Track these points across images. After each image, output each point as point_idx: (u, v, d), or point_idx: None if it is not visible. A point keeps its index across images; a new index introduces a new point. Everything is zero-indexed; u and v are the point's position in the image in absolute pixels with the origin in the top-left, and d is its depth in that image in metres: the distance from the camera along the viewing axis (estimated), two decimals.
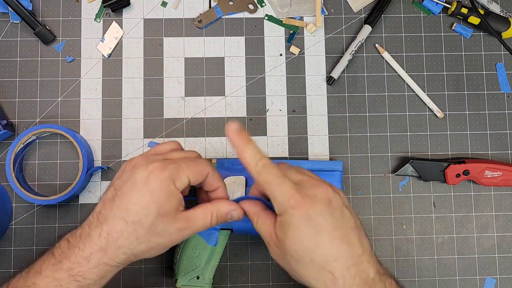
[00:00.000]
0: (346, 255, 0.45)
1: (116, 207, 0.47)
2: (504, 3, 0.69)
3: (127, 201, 0.47)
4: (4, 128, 0.61)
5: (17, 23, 0.66)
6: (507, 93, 0.68)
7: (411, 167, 0.64)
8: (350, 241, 0.46)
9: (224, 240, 0.59)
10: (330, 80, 0.66)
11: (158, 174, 0.47)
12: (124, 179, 0.48)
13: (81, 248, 0.46)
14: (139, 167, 0.48)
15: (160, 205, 0.47)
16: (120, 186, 0.48)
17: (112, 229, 0.46)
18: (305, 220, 0.45)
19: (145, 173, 0.47)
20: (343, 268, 0.45)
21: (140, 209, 0.46)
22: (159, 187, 0.47)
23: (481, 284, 0.64)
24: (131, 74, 0.66)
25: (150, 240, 0.47)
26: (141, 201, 0.46)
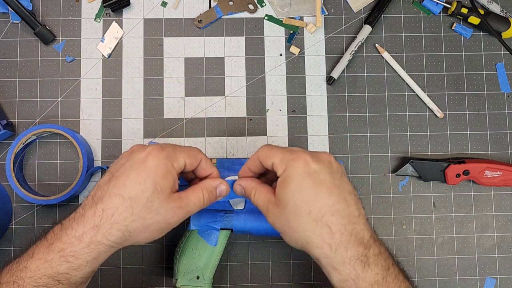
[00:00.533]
0: (343, 213, 0.46)
1: (112, 186, 0.47)
2: (504, 3, 0.69)
3: (124, 179, 0.47)
4: (4, 128, 0.61)
5: (17, 23, 0.66)
6: (507, 93, 0.68)
7: (411, 167, 0.64)
8: (347, 201, 0.47)
9: (224, 240, 0.59)
10: (330, 80, 0.66)
11: (156, 153, 0.48)
12: (121, 163, 0.49)
13: (74, 228, 0.46)
14: (137, 151, 0.49)
15: (157, 181, 0.47)
16: (116, 169, 0.48)
17: (107, 206, 0.46)
18: (306, 171, 0.46)
19: (143, 154, 0.48)
20: (340, 224, 0.46)
21: (136, 185, 0.46)
22: (157, 164, 0.47)
23: (481, 284, 0.64)
24: (131, 74, 0.66)
25: (145, 217, 0.47)
26: (138, 177, 0.47)
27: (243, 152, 0.65)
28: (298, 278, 0.63)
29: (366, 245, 0.46)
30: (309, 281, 0.63)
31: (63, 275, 0.46)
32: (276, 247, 0.64)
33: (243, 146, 0.65)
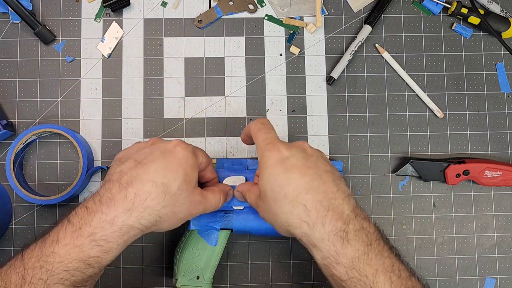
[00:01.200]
0: (318, 189, 0.47)
1: (142, 171, 0.48)
2: (504, 3, 0.69)
3: (155, 166, 0.48)
4: (4, 128, 0.61)
5: (17, 23, 0.66)
6: (507, 93, 0.68)
7: (411, 167, 0.64)
8: (323, 179, 0.48)
9: (224, 240, 0.59)
10: (330, 80, 0.66)
11: (183, 146, 0.50)
12: (145, 151, 0.50)
13: (104, 211, 0.46)
14: (161, 142, 0.51)
15: (187, 172, 0.49)
16: (142, 157, 0.49)
17: (140, 190, 0.47)
18: (279, 160, 0.48)
19: (170, 145, 0.50)
20: (315, 200, 0.46)
21: (169, 172, 0.48)
22: (186, 156, 0.50)
23: (481, 284, 0.64)
24: (131, 74, 0.66)
25: (174, 204, 0.49)
26: (170, 165, 0.48)
27: (243, 152, 0.65)
28: (298, 278, 0.63)
29: (345, 220, 0.46)
30: (309, 281, 0.63)
31: (94, 259, 0.46)
32: (276, 247, 0.64)
33: (243, 146, 0.65)
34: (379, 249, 0.46)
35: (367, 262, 0.45)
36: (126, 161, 0.49)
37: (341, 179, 0.50)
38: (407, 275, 0.47)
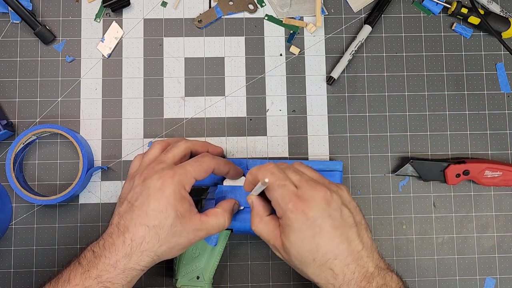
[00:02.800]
0: (345, 253, 0.48)
1: (135, 215, 0.50)
2: (504, 3, 0.69)
3: (146, 208, 0.50)
4: (4, 128, 0.61)
5: (17, 23, 0.66)
6: (507, 93, 0.68)
7: (411, 167, 0.64)
8: (349, 239, 0.48)
9: (224, 240, 0.59)
10: (330, 80, 0.66)
11: (170, 181, 0.51)
12: (137, 191, 0.51)
13: (107, 256, 0.49)
14: (150, 178, 0.51)
15: (176, 207, 0.50)
16: (135, 198, 0.51)
17: (135, 235, 0.49)
18: (304, 223, 0.48)
19: (158, 182, 0.51)
20: (343, 265, 0.47)
21: (159, 213, 0.50)
22: (173, 191, 0.50)
23: (481, 284, 0.64)
24: (131, 74, 0.66)
25: (170, 241, 0.50)
26: (159, 206, 0.50)
27: (243, 152, 0.65)
28: (298, 278, 0.63)
29: (369, 278, 0.48)
30: (309, 281, 0.63)
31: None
32: None
33: (243, 146, 0.65)
34: None
35: None
36: (123, 203, 0.52)
37: (363, 227, 0.50)
38: None
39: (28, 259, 0.62)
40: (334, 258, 0.47)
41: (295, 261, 0.49)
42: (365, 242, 0.49)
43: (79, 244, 0.63)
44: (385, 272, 0.49)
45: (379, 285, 0.48)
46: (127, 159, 0.64)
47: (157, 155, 0.56)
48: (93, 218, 0.63)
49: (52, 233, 0.63)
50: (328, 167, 0.61)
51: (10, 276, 0.62)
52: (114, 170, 0.64)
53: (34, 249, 0.62)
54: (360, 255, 0.48)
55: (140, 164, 0.56)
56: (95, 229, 0.63)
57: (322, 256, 0.48)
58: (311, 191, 0.49)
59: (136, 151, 0.64)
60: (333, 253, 0.47)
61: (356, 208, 0.51)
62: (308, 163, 0.61)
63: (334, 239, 0.48)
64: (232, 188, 0.59)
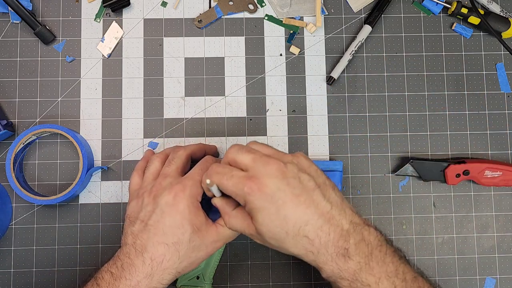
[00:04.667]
0: (315, 216, 0.47)
1: (152, 234, 0.50)
2: (504, 3, 0.69)
3: (162, 226, 0.50)
4: (4, 128, 0.61)
5: (17, 23, 0.66)
6: (507, 93, 0.68)
7: (411, 167, 0.64)
8: (314, 202, 0.47)
9: None
10: (330, 80, 0.66)
11: (182, 195, 0.50)
12: (149, 210, 0.51)
13: (128, 277, 0.48)
14: (161, 195, 0.51)
15: (192, 221, 0.50)
16: (147, 216, 0.51)
17: (154, 255, 0.49)
18: (265, 200, 0.47)
19: (170, 197, 0.50)
20: (316, 228, 0.47)
21: (176, 230, 0.49)
22: (187, 205, 0.50)
23: (481, 284, 0.64)
24: (131, 74, 0.66)
25: (190, 256, 0.50)
26: (175, 222, 0.50)
27: None
28: (298, 278, 0.63)
29: (345, 236, 0.47)
30: (309, 281, 0.63)
31: None
32: None
33: None
34: (381, 256, 0.47)
35: (369, 272, 0.46)
36: (135, 222, 0.51)
37: (329, 187, 0.49)
38: (412, 277, 0.48)
39: (28, 259, 0.62)
40: (305, 225, 0.47)
41: (271, 241, 0.49)
42: (334, 201, 0.48)
43: (79, 244, 0.63)
44: (361, 227, 0.48)
45: (356, 241, 0.47)
46: (127, 159, 0.64)
47: (159, 168, 0.55)
48: (93, 218, 0.63)
49: (52, 233, 0.63)
50: (328, 167, 0.61)
51: (10, 276, 0.62)
52: (114, 170, 0.64)
53: (34, 249, 0.62)
54: (331, 214, 0.47)
55: (143, 180, 0.55)
56: (95, 229, 0.63)
57: (293, 226, 0.47)
58: (263, 167, 0.48)
59: (136, 151, 0.64)
60: (302, 220, 0.47)
61: (317, 171, 0.50)
62: None
63: (299, 206, 0.47)
64: None
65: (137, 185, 0.56)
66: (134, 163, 0.64)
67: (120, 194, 0.64)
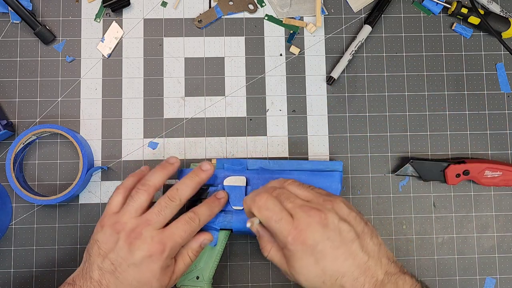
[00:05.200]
0: (352, 268, 0.48)
1: (119, 282, 0.51)
2: (504, 3, 0.69)
3: (131, 279, 0.51)
4: (4, 128, 0.61)
5: (17, 23, 0.66)
6: (507, 93, 0.68)
7: (411, 167, 0.64)
8: (352, 254, 0.48)
9: (224, 240, 0.59)
10: (330, 80, 0.66)
11: (159, 256, 0.51)
12: (121, 256, 0.51)
13: None
14: (138, 247, 0.51)
15: (161, 279, 0.52)
16: (118, 262, 0.51)
17: None
18: (305, 251, 0.48)
19: (146, 254, 0.51)
20: (351, 280, 0.48)
21: (143, 285, 0.51)
22: (160, 266, 0.51)
23: (481, 284, 0.64)
24: (131, 74, 0.66)
25: None
26: (144, 279, 0.51)
27: (243, 152, 0.65)
28: None
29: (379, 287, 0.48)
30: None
31: None
32: None
33: (243, 146, 0.65)
34: None
35: None
36: (104, 259, 0.51)
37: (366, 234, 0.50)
38: None
39: (28, 259, 0.62)
40: (342, 276, 0.48)
41: (306, 286, 0.50)
42: (371, 251, 0.49)
43: (79, 244, 0.63)
44: (396, 276, 0.49)
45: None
46: (127, 159, 0.64)
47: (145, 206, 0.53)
48: (93, 218, 0.63)
49: (52, 233, 0.63)
50: (328, 167, 0.61)
51: (10, 276, 0.62)
52: (114, 170, 0.64)
53: (34, 249, 0.62)
54: (367, 266, 0.48)
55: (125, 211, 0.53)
56: None
57: (330, 277, 0.48)
58: (306, 219, 0.49)
59: (136, 151, 0.64)
60: (339, 272, 0.48)
61: (356, 217, 0.51)
62: (308, 163, 0.61)
63: (338, 258, 0.48)
64: (232, 188, 0.59)
65: (116, 208, 0.54)
66: (134, 163, 0.64)
67: None
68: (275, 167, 0.61)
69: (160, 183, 0.55)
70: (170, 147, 0.65)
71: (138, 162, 0.64)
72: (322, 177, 0.60)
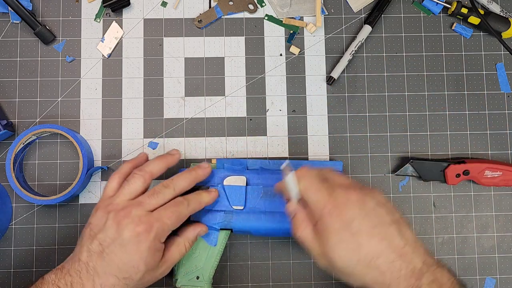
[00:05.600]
0: (388, 250, 0.47)
1: (106, 264, 0.50)
2: (504, 3, 0.69)
3: (118, 260, 0.50)
4: (4, 128, 0.61)
5: (17, 23, 0.66)
6: (507, 93, 0.68)
7: (411, 167, 0.64)
8: (389, 236, 0.48)
9: (224, 240, 0.59)
10: (330, 80, 0.66)
11: (146, 236, 0.50)
12: (109, 236, 0.51)
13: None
14: (125, 226, 0.51)
15: (148, 263, 0.51)
16: (106, 242, 0.50)
17: (104, 283, 0.50)
18: (342, 225, 0.48)
19: (132, 234, 0.50)
20: (387, 262, 0.47)
21: (130, 268, 0.50)
22: (147, 247, 0.51)
23: (481, 284, 0.64)
24: (131, 74, 0.66)
25: (137, 286, 0.52)
26: (131, 261, 0.50)
27: (243, 152, 0.65)
28: (298, 278, 0.63)
29: (418, 274, 0.47)
30: (309, 281, 0.63)
31: None
32: (276, 247, 0.64)
33: (243, 146, 0.65)
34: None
35: None
36: (93, 241, 0.51)
37: (404, 225, 0.50)
38: None
39: (28, 259, 0.62)
40: (377, 257, 0.47)
41: (338, 265, 0.48)
42: (408, 238, 0.48)
43: None
44: (434, 267, 0.48)
45: (429, 281, 0.47)
46: (127, 159, 0.64)
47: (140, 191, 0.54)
48: None
49: (52, 233, 0.63)
50: (328, 167, 0.61)
51: (10, 276, 0.62)
52: (114, 170, 0.64)
53: (34, 249, 0.62)
54: (404, 251, 0.47)
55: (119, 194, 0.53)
56: None
57: (365, 255, 0.47)
58: (344, 195, 0.49)
59: (136, 151, 0.64)
60: (375, 251, 0.47)
61: (393, 208, 0.51)
62: (308, 163, 0.61)
63: (374, 237, 0.47)
64: (232, 188, 0.59)
65: (112, 192, 0.54)
66: None
67: None
68: (275, 167, 0.61)
69: (157, 171, 0.56)
70: (170, 147, 0.65)
71: None
72: None
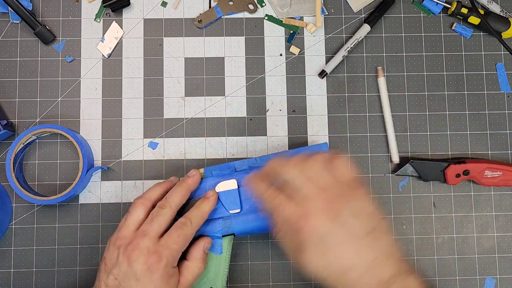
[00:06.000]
0: (358, 264, 0.48)
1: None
2: (504, 3, 0.69)
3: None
4: (4, 128, 0.61)
5: (17, 23, 0.66)
6: (507, 93, 0.68)
7: (411, 167, 0.64)
8: (360, 251, 0.48)
9: (229, 246, 0.58)
10: (322, 74, 0.65)
11: (157, 266, 0.51)
12: (123, 270, 0.51)
13: None
14: (136, 260, 0.51)
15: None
16: (121, 277, 0.51)
17: None
18: (313, 241, 0.48)
19: (144, 267, 0.51)
20: (358, 276, 0.48)
21: None
22: (161, 276, 0.51)
23: (481, 284, 0.64)
24: (131, 74, 0.66)
25: None
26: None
27: (243, 152, 0.65)
28: (298, 278, 0.63)
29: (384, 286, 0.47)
30: (309, 281, 0.63)
31: None
32: (276, 247, 0.64)
33: (243, 146, 0.65)
34: None
35: None
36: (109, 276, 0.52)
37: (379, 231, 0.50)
38: None
39: (28, 259, 0.62)
40: (349, 270, 0.48)
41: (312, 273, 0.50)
42: (380, 250, 0.49)
43: (79, 244, 0.63)
44: (403, 277, 0.48)
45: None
46: (127, 159, 0.64)
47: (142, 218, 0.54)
48: (93, 218, 0.63)
49: (52, 233, 0.63)
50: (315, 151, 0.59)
51: (10, 276, 0.62)
52: (114, 170, 0.64)
53: (34, 249, 0.62)
54: (375, 263, 0.48)
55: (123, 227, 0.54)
56: (95, 229, 0.63)
57: (338, 269, 0.48)
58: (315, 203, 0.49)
59: (136, 151, 0.64)
60: (346, 265, 0.48)
61: (370, 213, 0.51)
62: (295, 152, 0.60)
63: (346, 252, 0.48)
64: (225, 193, 0.58)
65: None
66: (134, 163, 0.64)
67: (120, 194, 0.64)
68: (263, 163, 0.60)
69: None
70: (170, 147, 0.65)
71: (138, 162, 0.64)
72: None
